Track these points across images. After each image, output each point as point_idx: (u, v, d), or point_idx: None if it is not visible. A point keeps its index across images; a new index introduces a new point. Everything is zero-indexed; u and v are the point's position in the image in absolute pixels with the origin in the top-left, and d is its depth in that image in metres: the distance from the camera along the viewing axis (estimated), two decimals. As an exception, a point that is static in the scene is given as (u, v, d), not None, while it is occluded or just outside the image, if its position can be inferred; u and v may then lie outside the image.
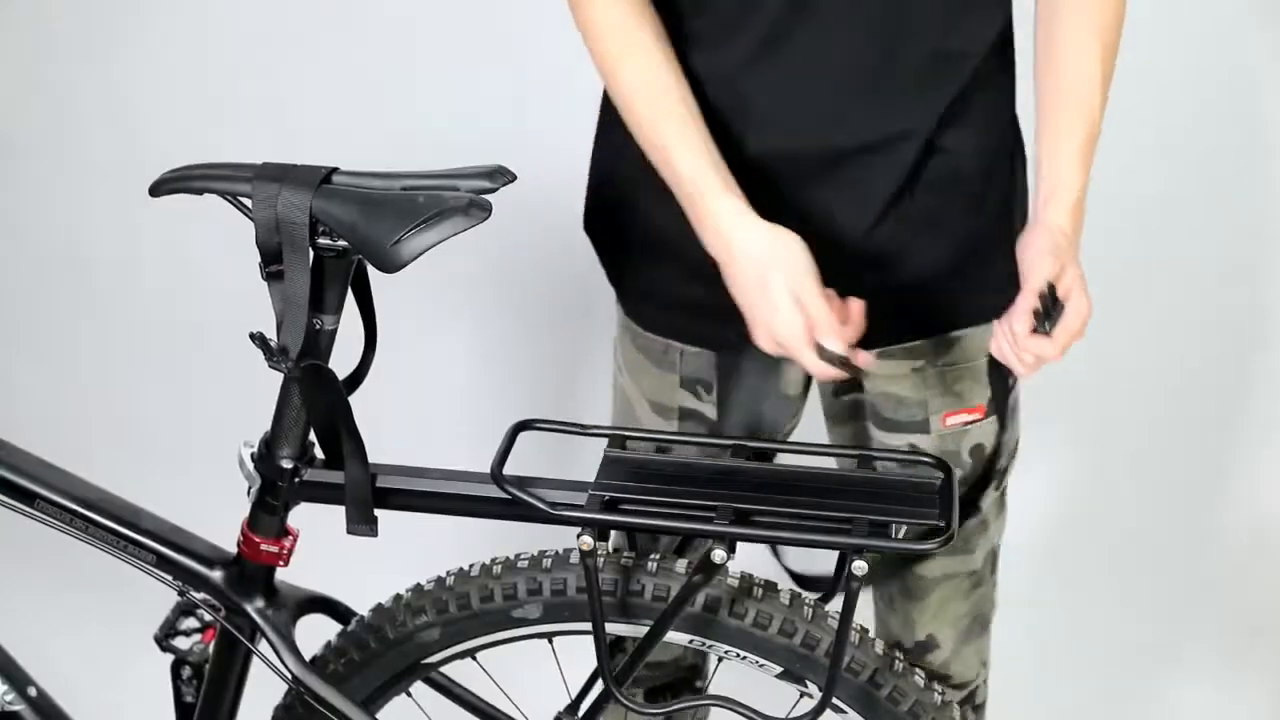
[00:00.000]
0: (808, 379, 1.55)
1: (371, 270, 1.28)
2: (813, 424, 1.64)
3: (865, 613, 1.31)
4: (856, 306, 1.28)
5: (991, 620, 1.65)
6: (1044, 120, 1.37)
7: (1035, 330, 1.29)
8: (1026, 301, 1.30)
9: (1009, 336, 1.32)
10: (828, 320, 1.25)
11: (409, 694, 1.50)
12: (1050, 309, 1.29)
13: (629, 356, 1.58)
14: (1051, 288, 1.30)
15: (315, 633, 1.48)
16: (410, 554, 1.81)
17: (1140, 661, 2.45)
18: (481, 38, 2.36)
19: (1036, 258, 1.31)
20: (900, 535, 1.28)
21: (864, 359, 1.27)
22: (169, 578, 1.42)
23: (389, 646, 1.43)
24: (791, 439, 1.60)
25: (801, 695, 1.40)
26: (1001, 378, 1.49)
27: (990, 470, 1.52)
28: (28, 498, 1.41)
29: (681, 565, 1.37)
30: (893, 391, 1.48)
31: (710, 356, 1.51)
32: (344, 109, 2.42)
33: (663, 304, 1.51)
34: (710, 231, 1.30)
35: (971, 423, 1.48)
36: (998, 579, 1.63)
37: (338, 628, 1.48)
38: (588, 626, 1.34)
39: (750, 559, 1.36)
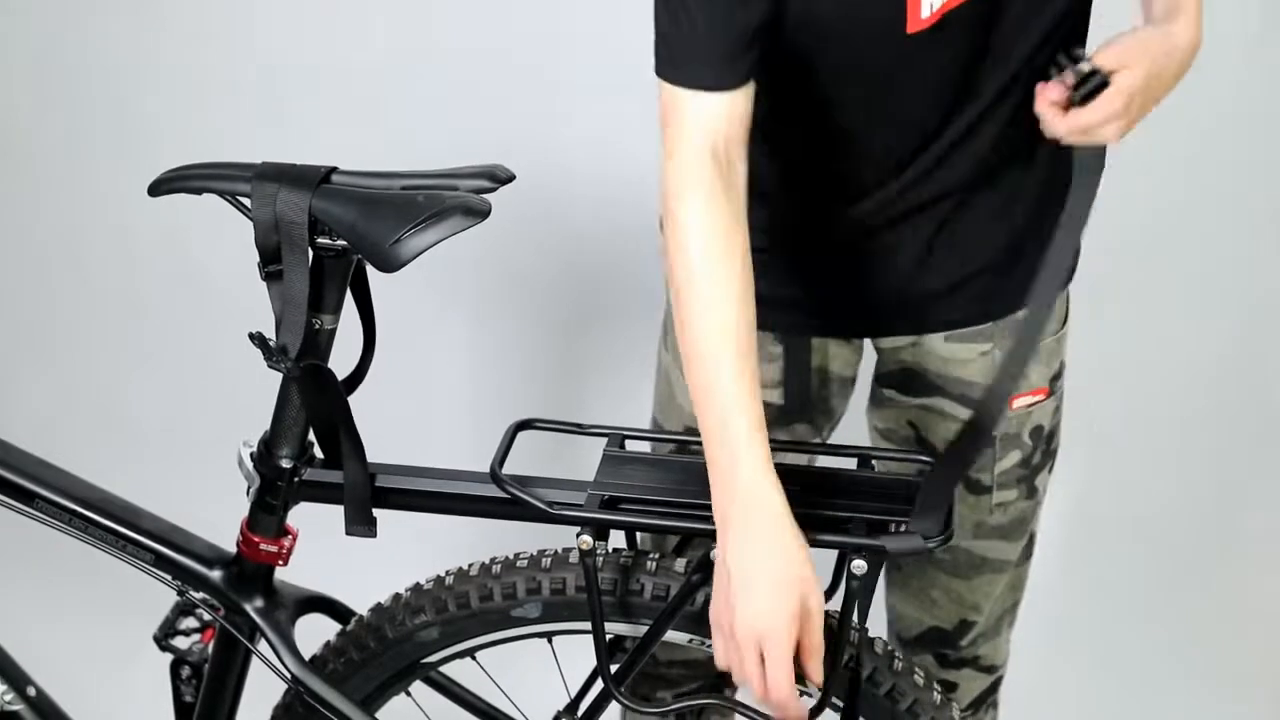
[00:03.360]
0: (856, 360, 1.57)
1: (371, 270, 1.28)
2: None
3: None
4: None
5: (1019, 606, 1.67)
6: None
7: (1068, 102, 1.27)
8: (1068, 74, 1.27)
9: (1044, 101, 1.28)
10: (819, 646, 1.20)
11: (408, 693, 1.50)
12: (1085, 82, 1.27)
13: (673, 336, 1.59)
14: (1092, 72, 1.26)
15: (315, 632, 1.48)
16: (409, 553, 1.81)
17: (1161, 668, 2.44)
18: (482, 37, 2.36)
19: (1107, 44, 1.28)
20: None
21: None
22: (168, 577, 1.42)
23: (388, 646, 1.43)
24: (793, 439, 1.60)
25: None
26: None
27: (1048, 451, 1.54)
28: (27, 497, 1.41)
29: (681, 564, 1.37)
30: (962, 376, 1.49)
31: (762, 334, 1.51)
32: (344, 109, 2.42)
33: None
34: (741, 491, 1.19)
35: (1034, 405, 1.50)
36: (1032, 552, 1.65)
37: (337, 627, 1.48)
38: (587, 626, 1.34)
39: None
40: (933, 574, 1.61)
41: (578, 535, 1.25)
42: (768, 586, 1.17)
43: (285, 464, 1.35)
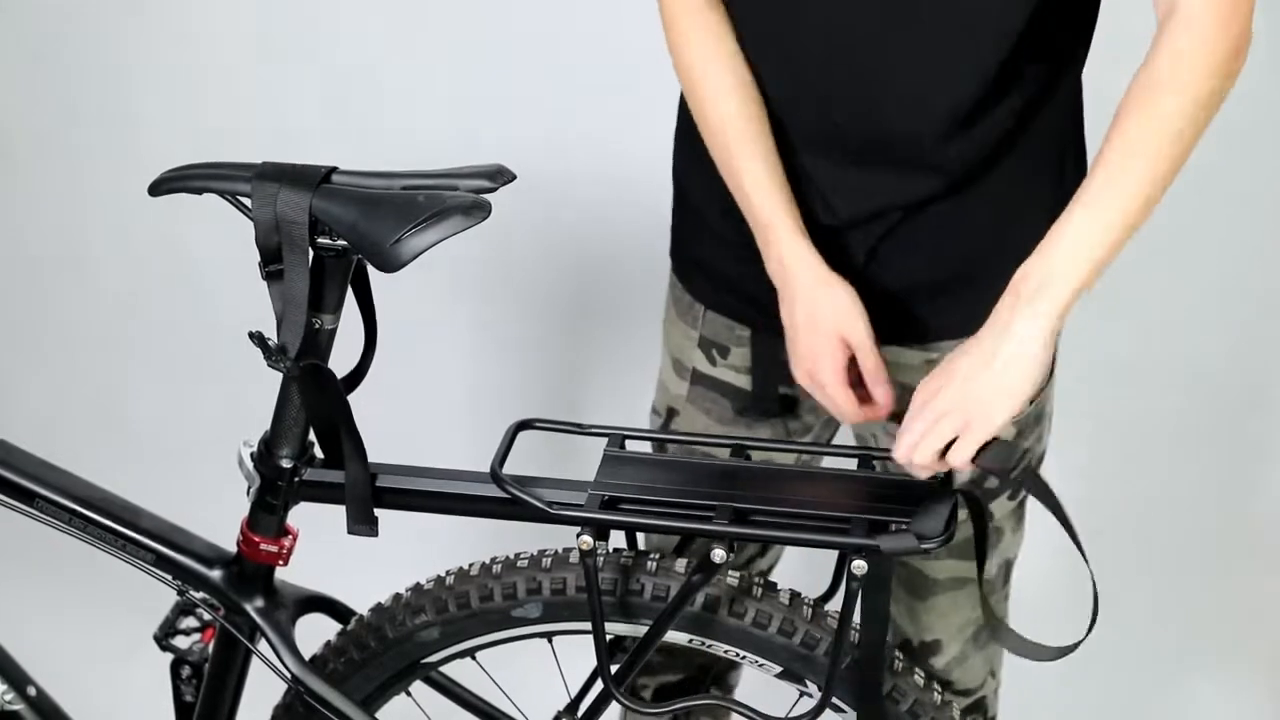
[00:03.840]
0: None
1: (371, 270, 1.28)
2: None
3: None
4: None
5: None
6: (1076, 195, 1.25)
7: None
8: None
9: None
10: (876, 371, 1.36)
11: (408, 693, 1.50)
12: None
13: (667, 311, 1.61)
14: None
15: (315, 632, 1.48)
16: (410, 553, 1.81)
17: (1161, 668, 2.44)
18: (482, 37, 2.36)
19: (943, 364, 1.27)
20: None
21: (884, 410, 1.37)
22: (168, 577, 1.42)
23: (388, 646, 1.43)
24: (794, 438, 1.60)
25: (801, 695, 1.40)
26: None
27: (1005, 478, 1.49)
28: (27, 497, 1.41)
29: (681, 565, 1.37)
30: (905, 382, 1.45)
31: (728, 321, 1.52)
32: (344, 109, 2.42)
33: (700, 267, 1.54)
34: (775, 263, 1.38)
35: None
36: (1009, 591, 1.62)
37: (337, 627, 1.48)
38: (587, 626, 1.34)
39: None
40: (898, 588, 1.58)
41: (578, 535, 1.25)
42: (806, 331, 1.36)
43: (285, 464, 1.35)
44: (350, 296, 1.32)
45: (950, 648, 1.59)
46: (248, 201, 1.24)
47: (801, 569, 1.68)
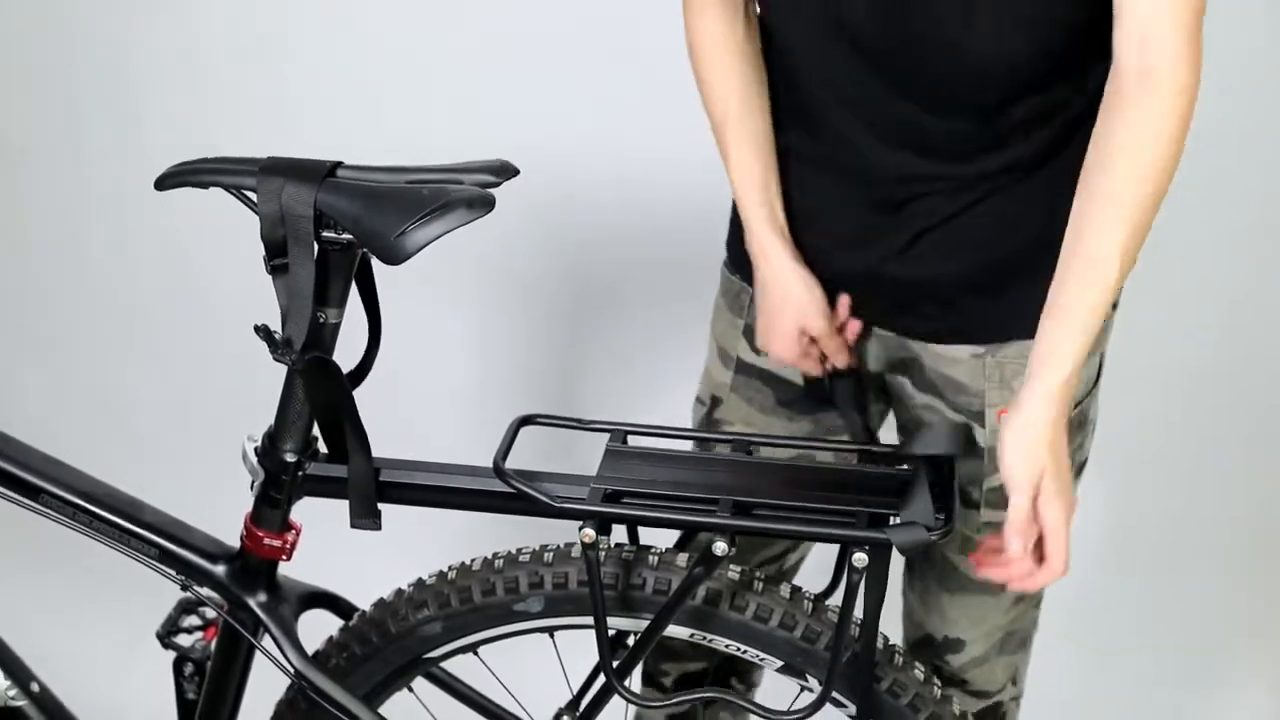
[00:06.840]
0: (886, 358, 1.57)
1: (376, 264, 1.29)
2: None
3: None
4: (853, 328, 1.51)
5: (1032, 639, 1.64)
6: (1058, 272, 1.28)
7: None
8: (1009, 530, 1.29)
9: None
10: (833, 349, 1.51)
11: (410, 689, 1.50)
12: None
13: (716, 301, 1.64)
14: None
15: (317, 628, 1.48)
16: (412, 548, 1.81)
17: (1187, 671, 2.44)
18: (484, 35, 2.36)
19: (1011, 472, 1.29)
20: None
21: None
22: (172, 572, 1.42)
23: (390, 641, 1.43)
24: (796, 436, 1.60)
25: (802, 689, 1.40)
26: None
27: None
28: (32, 492, 1.41)
29: (683, 559, 1.37)
30: (952, 375, 1.48)
31: None
32: (347, 106, 2.43)
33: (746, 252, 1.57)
34: (753, 245, 1.50)
35: None
36: (1042, 597, 1.62)
37: (340, 623, 1.49)
38: (589, 620, 1.34)
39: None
40: (928, 579, 1.60)
41: (580, 529, 1.26)
42: (772, 316, 1.51)
43: (289, 458, 1.35)
44: (355, 291, 1.32)
45: (973, 648, 1.59)
46: (253, 195, 1.25)
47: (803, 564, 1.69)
